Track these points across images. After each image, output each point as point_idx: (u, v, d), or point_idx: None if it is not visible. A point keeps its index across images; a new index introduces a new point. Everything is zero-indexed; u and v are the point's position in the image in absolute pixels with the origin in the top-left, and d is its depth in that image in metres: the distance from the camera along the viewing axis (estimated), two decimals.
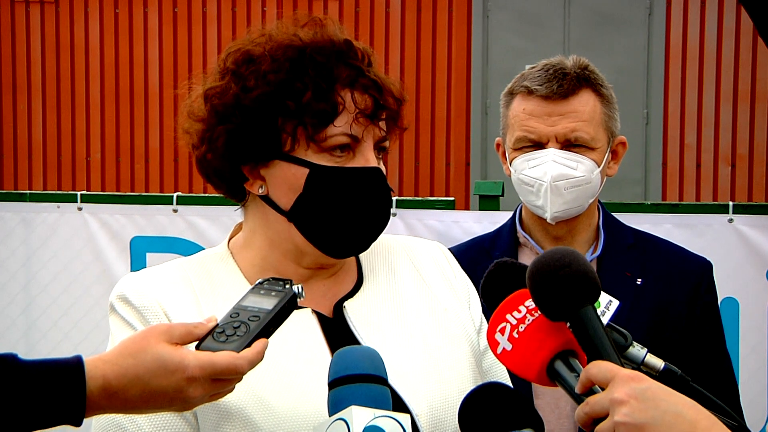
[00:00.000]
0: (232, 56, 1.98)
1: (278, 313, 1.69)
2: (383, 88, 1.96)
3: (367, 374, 1.70)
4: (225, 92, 1.95)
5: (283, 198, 1.96)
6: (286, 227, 1.97)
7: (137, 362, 1.62)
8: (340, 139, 1.92)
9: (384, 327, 1.99)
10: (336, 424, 1.63)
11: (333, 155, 1.93)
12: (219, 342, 1.64)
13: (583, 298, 1.63)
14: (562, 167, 2.79)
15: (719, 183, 10.39)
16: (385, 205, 1.98)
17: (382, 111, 1.96)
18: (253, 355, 1.63)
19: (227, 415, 1.85)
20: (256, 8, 10.87)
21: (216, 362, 1.61)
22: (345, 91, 1.93)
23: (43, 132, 11.11)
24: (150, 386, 1.62)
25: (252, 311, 1.68)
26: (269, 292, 1.71)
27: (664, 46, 10.49)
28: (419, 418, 1.89)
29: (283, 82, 1.92)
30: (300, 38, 1.95)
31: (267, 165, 1.95)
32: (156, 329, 1.67)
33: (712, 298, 2.91)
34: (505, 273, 1.78)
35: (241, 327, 1.66)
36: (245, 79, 1.94)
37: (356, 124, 1.92)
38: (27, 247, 4.80)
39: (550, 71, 2.82)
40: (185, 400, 1.64)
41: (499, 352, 1.69)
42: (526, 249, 2.92)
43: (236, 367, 1.62)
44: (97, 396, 1.61)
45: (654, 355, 1.74)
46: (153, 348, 1.63)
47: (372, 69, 1.98)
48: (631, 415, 1.50)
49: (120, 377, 1.61)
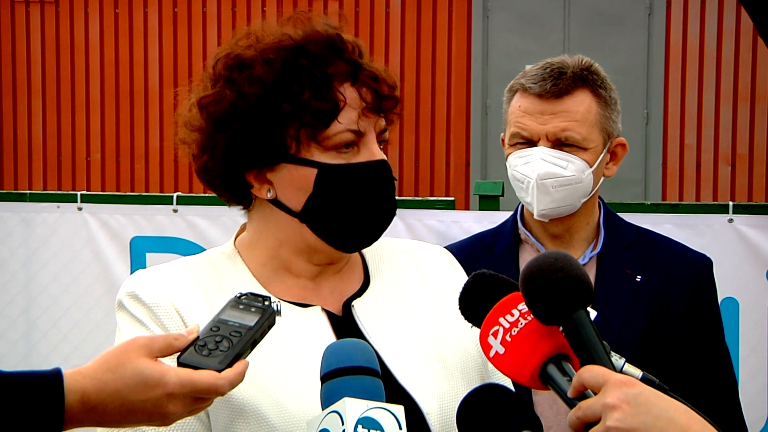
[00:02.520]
0: (222, 62, 1.96)
1: (258, 331, 1.67)
2: (380, 79, 1.95)
3: (360, 366, 1.70)
4: (220, 99, 1.93)
5: (293, 200, 1.94)
6: (297, 228, 1.96)
7: (116, 377, 1.60)
8: (345, 136, 1.91)
9: (392, 326, 1.99)
10: (330, 416, 1.63)
11: (339, 152, 1.92)
12: (202, 356, 1.62)
13: (576, 303, 1.62)
14: (550, 165, 2.80)
15: (719, 183, 10.39)
16: (392, 195, 1.98)
17: (384, 102, 1.95)
18: (234, 376, 1.62)
19: (240, 412, 1.84)
20: (256, 8, 10.87)
21: (196, 381, 1.60)
22: (344, 87, 1.91)
23: (43, 132, 11.11)
24: (129, 401, 1.60)
25: (233, 326, 1.66)
26: (249, 308, 1.70)
27: (664, 46, 10.49)
28: (430, 416, 1.89)
29: (279, 84, 1.90)
30: (290, 37, 1.93)
31: (273, 169, 1.94)
32: (136, 342, 1.65)
33: (712, 295, 2.91)
34: (483, 284, 1.78)
35: (223, 342, 1.64)
36: (240, 84, 1.91)
37: (362, 119, 1.91)
38: (27, 247, 4.80)
39: (548, 70, 2.84)
40: (164, 415, 1.62)
41: (491, 355, 1.69)
42: (527, 245, 2.93)
43: (217, 387, 1.60)
44: (76, 410, 1.59)
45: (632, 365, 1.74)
46: (133, 363, 1.61)
47: (366, 61, 1.96)
48: (623, 420, 1.49)
49: (99, 391, 1.60)
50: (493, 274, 1.77)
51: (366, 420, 1.62)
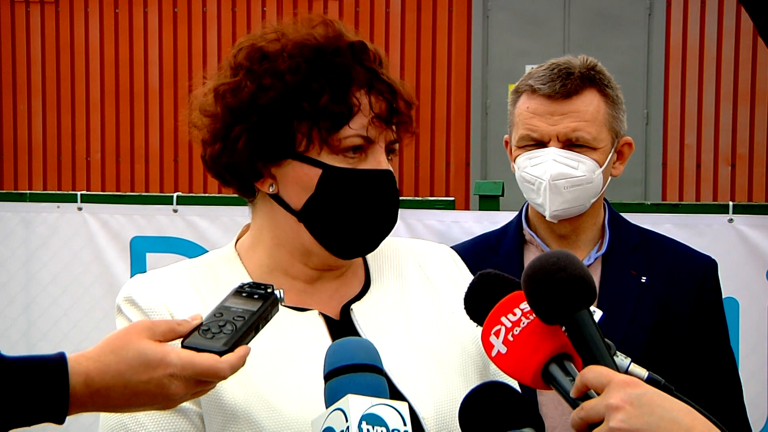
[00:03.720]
0: (244, 51, 1.96)
1: (262, 315, 1.69)
2: (397, 92, 1.96)
3: (363, 364, 1.70)
4: (239, 89, 1.93)
5: (294, 197, 1.95)
6: (295, 227, 1.97)
7: (119, 359, 1.62)
8: (354, 141, 1.92)
9: (391, 329, 1.99)
10: (334, 414, 1.63)
11: (346, 156, 1.92)
12: (206, 339, 1.64)
13: (579, 302, 1.62)
14: (562, 166, 2.80)
15: (719, 183, 10.39)
16: (394, 207, 1.98)
17: (395, 115, 1.96)
18: (234, 360, 1.63)
19: (233, 417, 1.85)
20: (256, 8, 10.87)
21: (197, 363, 1.61)
22: (360, 93, 1.92)
23: (43, 132, 11.11)
24: (132, 382, 1.61)
25: (236, 311, 1.68)
26: (251, 296, 1.72)
27: (664, 46, 10.49)
28: (426, 420, 1.89)
29: (300, 83, 1.90)
30: (315, 38, 1.94)
31: (279, 164, 1.94)
32: (138, 325, 1.66)
33: (716, 297, 2.91)
34: (489, 284, 1.77)
35: (226, 326, 1.66)
36: (260, 77, 1.92)
37: (371, 126, 1.92)
38: (27, 247, 4.80)
39: (555, 71, 2.83)
40: (167, 396, 1.63)
41: (493, 355, 1.68)
42: (532, 246, 2.93)
43: (217, 370, 1.61)
44: (80, 393, 1.60)
45: (638, 365, 1.73)
46: (135, 344, 1.62)
47: (385, 71, 1.97)
48: (627, 421, 1.49)
49: (102, 374, 1.61)
50: (499, 274, 1.77)
51: (370, 417, 1.62)
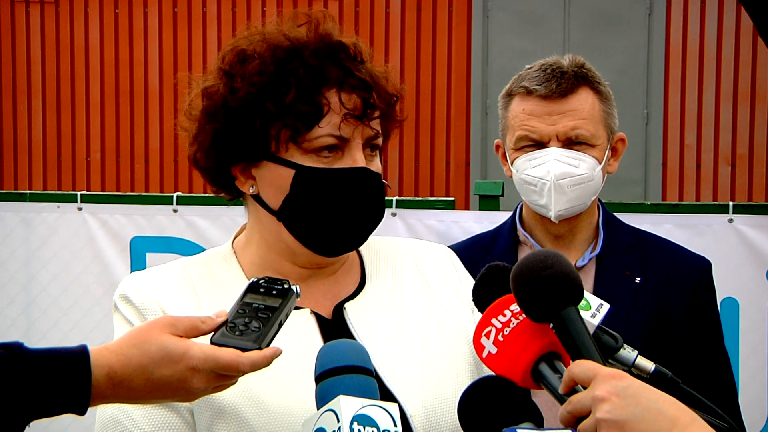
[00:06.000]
0: (228, 55, 1.99)
1: (283, 312, 1.71)
2: (374, 86, 1.95)
3: (353, 365, 1.71)
4: (215, 92, 1.96)
5: (272, 198, 1.97)
6: (276, 226, 1.98)
7: (142, 352, 1.64)
8: (326, 140, 1.92)
9: (383, 329, 2.00)
10: (325, 415, 1.64)
11: (320, 156, 1.93)
12: (234, 336, 1.66)
13: (565, 299, 1.63)
14: (565, 165, 2.80)
15: (719, 183, 10.39)
16: (375, 203, 1.97)
17: (372, 110, 1.95)
18: (258, 358, 1.65)
19: (220, 413, 1.86)
20: (256, 8, 10.87)
21: (219, 357, 1.63)
22: (331, 92, 1.92)
23: (43, 132, 11.11)
24: (154, 376, 1.64)
25: (259, 308, 1.70)
26: (270, 291, 1.73)
27: (664, 46, 10.49)
28: (414, 419, 1.90)
29: (267, 83, 1.92)
30: (289, 38, 1.95)
31: (257, 165, 1.97)
32: (161, 321, 1.68)
33: (711, 298, 2.91)
34: (496, 276, 1.78)
35: (252, 322, 1.67)
36: (233, 79, 1.94)
37: (345, 124, 1.92)
38: (27, 247, 4.80)
39: (548, 71, 2.84)
40: (188, 390, 1.65)
41: (484, 356, 1.70)
42: (526, 247, 2.93)
43: (237, 364, 1.63)
44: (102, 385, 1.63)
45: (645, 358, 1.74)
46: (157, 338, 1.65)
47: (364, 66, 1.97)
48: (613, 412, 1.50)
49: (125, 367, 1.63)
50: (507, 267, 1.78)
51: (361, 417, 1.63)
